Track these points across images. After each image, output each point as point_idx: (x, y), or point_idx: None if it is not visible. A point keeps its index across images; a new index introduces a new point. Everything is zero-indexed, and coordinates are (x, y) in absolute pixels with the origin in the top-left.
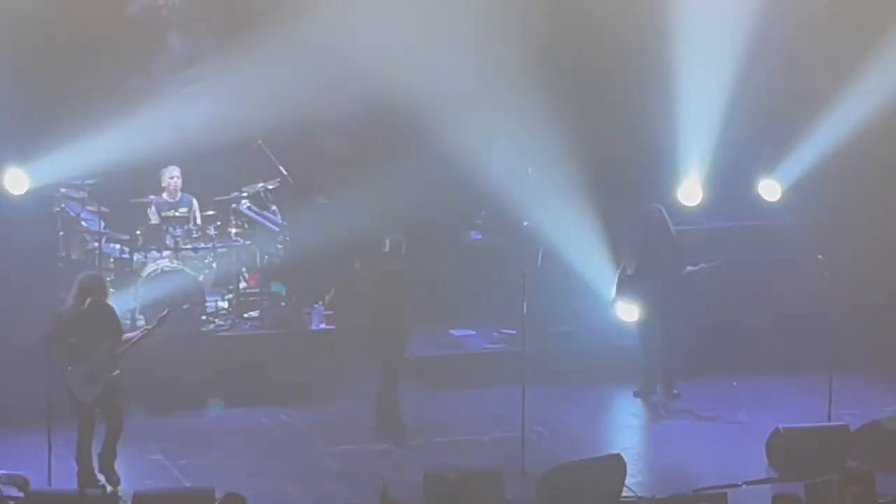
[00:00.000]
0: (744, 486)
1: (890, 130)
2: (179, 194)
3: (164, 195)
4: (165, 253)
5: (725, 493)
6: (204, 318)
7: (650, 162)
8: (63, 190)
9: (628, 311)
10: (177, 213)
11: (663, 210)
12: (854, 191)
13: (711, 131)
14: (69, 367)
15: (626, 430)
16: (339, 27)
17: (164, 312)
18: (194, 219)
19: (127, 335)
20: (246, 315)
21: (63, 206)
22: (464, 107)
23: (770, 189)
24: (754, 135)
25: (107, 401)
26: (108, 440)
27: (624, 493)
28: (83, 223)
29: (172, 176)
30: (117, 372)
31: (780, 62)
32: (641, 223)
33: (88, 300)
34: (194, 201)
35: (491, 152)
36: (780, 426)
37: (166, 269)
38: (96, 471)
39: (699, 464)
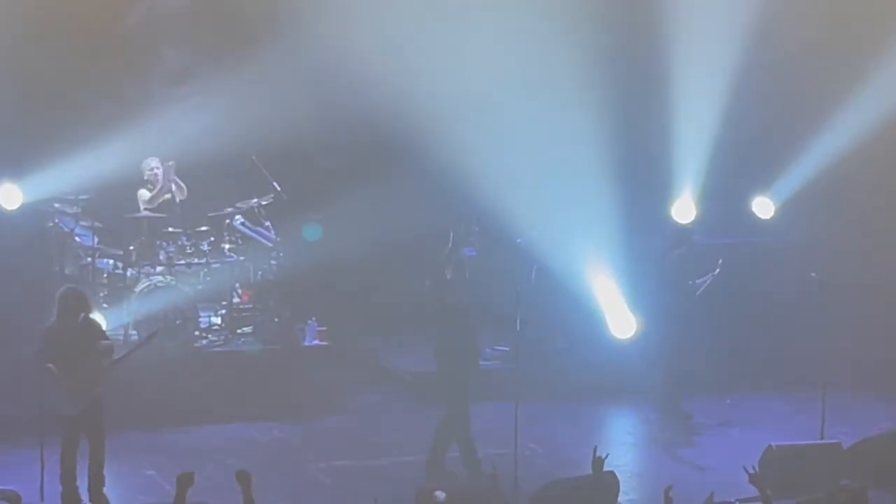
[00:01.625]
0: (737, 503)
1: (883, 149)
2: (160, 184)
3: (148, 187)
4: (159, 268)
5: None
6: (197, 333)
7: (645, 179)
8: (57, 205)
9: (624, 328)
10: (167, 197)
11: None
12: (847, 209)
13: (706, 149)
14: (53, 382)
15: (619, 447)
16: (334, 43)
17: (154, 330)
18: (177, 197)
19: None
20: (239, 331)
21: (57, 221)
22: (458, 123)
23: (764, 207)
24: (748, 152)
25: (90, 419)
26: (93, 465)
27: None
28: (77, 238)
29: (152, 168)
30: (100, 388)
31: (775, 81)
32: (668, 240)
33: (81, 315)
34: (176, 182)
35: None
36: (774, 444)
37: (159, 284)
38: (83, 495)
39: (693, 482)
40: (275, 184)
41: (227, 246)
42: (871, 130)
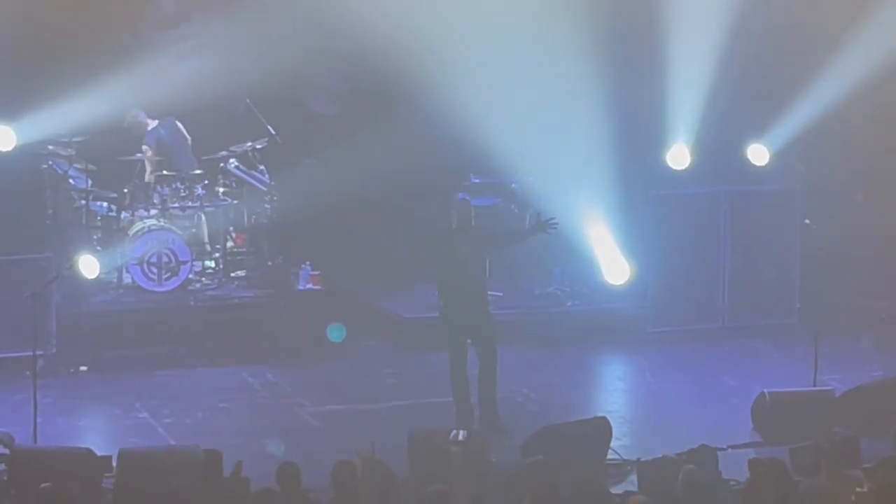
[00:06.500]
0: (729, 449)
1: (879, 95)
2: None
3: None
4: (153, 211)
5: (717, 454)
6: (191, 276)
7: (640, 126)
8: (51, 147)
9: (617, 274)
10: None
11: None
12: (842, 156)
13: (700, 95)
14: None
15: (612, 393)
16: None
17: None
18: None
19: None
20: (233, 274)
21: (50, 163)
22: (454, 67)
23: (758, 154)
24: (743, 99)
25: None
26: None
27: (609, 456)
28: (71, 181)
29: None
30: None
31: (771, 26)
32: None
33: None
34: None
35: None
36: (766, 390)
37: (153, 227)
38: None
39: (685, 427)
40: (269, 128)
41: (221, 189)
42: (867, 77)
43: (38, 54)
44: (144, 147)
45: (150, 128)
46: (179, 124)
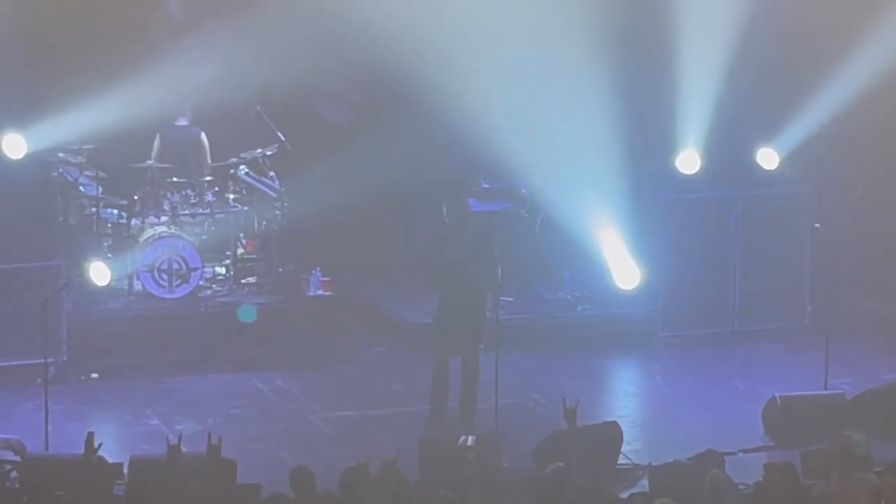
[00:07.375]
0: (740, 454)
1: (888, 99)
2: None
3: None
4: (163, 218)
5: (724, 458)
6: (202, 283)
7: (649, 130)
8: (61, 154)
9: (628, 279)
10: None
11: None
12: (853, 159)
13: (710, 99)
14: None
15: (622, 397)
16: None
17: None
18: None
19: None
20: (243, 281)
21: (61, 170)
22: (462, 72)
23: (768, 158)
24: (753, 103)
25: None
26: None
27: (620, 461)
28: (81, 188)
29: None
30: None
31: (780, 29)
32: None
33: None
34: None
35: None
36: (777, 394)
37: (164, 234)
38: None
39: (696, 432)
40: (279, 134)
41: (231, 196)
42: (877, 79)
43: (47, 62)
44: (157, 134)
45: (175, 123)
46: (204, 139)
